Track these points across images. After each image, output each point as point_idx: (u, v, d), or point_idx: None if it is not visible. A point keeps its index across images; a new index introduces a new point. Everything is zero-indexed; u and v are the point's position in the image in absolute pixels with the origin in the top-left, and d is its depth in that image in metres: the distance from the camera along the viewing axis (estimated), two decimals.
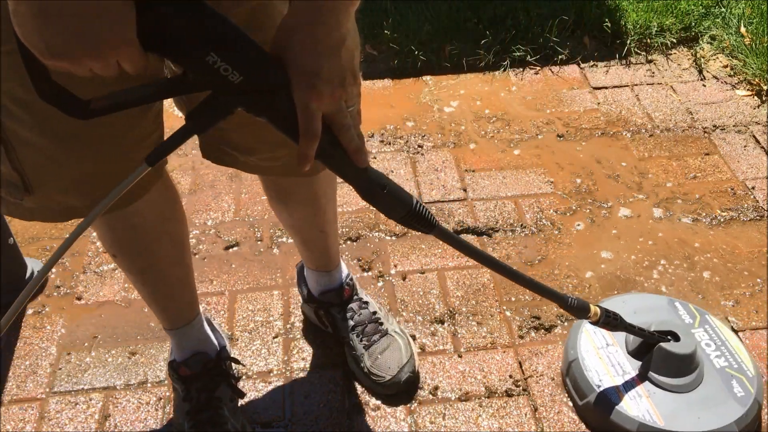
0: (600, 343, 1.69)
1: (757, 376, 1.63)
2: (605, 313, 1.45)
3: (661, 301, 1.81)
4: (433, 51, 2.86)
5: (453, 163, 2.41)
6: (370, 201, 1.05)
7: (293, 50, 0.86)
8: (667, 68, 2.85)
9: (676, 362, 1.58)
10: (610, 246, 2.11)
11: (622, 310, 1.72)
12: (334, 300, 1.75)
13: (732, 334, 1.73)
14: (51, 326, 1.92)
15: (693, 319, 1.75)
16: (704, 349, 1.68)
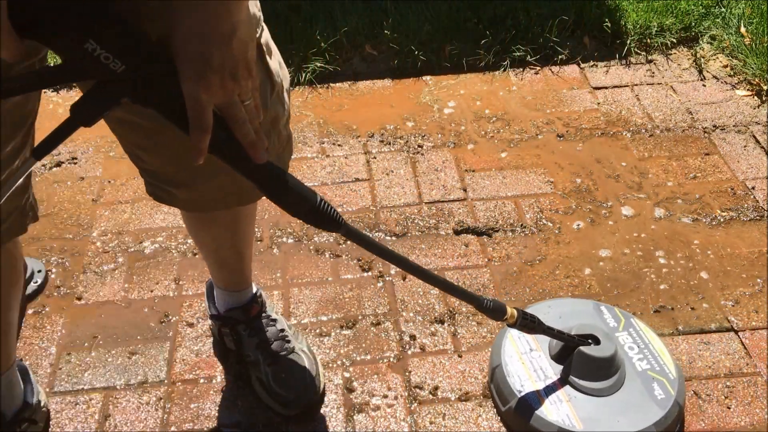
0: (523, 349, 1.68)
1: (678, 378, 1.62)
2: (522, 315, 1.44)
3: (587, 305, 1.80)
4: (433, 51, 2.86)
5: (453, 163, 2.41)
6: (271, 197, 1.01)
7: (181, 38, 0.82)
8: (667, 68, 2.85)
9: (595, 366, 1.57)
10: (610, 246, 2.11)
11: (548, 314, 1.72)
12: (240, 317, 1.69)
13: (656, 337, 1.72)
14: (51, 326, 1.92)
15: (618, 323, 1.74)
16: (627, 352, 1.67)
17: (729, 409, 1.69)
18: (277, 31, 2.88)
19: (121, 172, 2.41)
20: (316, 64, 2.79)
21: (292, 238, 2.15)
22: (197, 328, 1.90)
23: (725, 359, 1.79)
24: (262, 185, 1.00)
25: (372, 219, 2.21)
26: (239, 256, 1.62)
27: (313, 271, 2.05)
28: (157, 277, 2.05)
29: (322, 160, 2.44)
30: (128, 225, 2.21)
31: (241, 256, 1.61)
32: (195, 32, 0.82)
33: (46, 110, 2.67)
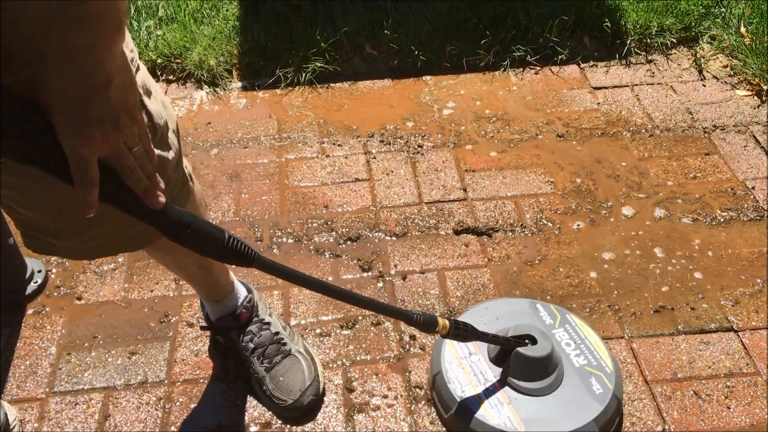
0: (463, 353, 1.68)
1: (614, 371, 1.63)
2: (454, 325, 1.43)
3: (523, 304, 1.80)
4: (433, 51, 2.86)
5: (453, 163, 2.41)
6: (176, 240, 0.98)
7: (54, 93, 0.79)
8: (667, 68, 2.85)
9: (533, 366, 1.58)
10: (610, 246, 2.11)
11: (486, 316, 1.74)
12: (231, 324, 1.70)
13: (591, 331, 1.73)
14: (51, 326, 1.92)
15: (554, 320, 1.75)
16: (564, 349, 1.68)
17: (729, 409, 1.69)
18: (277, 31, 2.88)
19: None
20: (316, 64, 2.79)
21: (292, 238, 2.15)
22: (197, 328, 1.90)
23: (725, 359, 1.80)
24: (162, 230, 0.97)
25: (372, 219, 2.21)
26: (206, 270, 1.57)
27: (313, 271, 2.05)
28: (157, 277, 2.05)
29: (322, 160, 2.44)
30: None
31: (208, 269, 1.57)
32: (69, 87, 0.78)
33: None
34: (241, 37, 2.90)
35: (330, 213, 2.23)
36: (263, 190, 2.32)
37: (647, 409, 1.69)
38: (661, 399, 1.71)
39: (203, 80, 2.78)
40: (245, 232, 2.18)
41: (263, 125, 2.60)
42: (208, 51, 2.83)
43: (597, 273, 2.03)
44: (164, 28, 2.93)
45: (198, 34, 2.90)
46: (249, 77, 2.83)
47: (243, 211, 2.25)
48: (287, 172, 2.39)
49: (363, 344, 1.85)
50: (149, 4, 3.04)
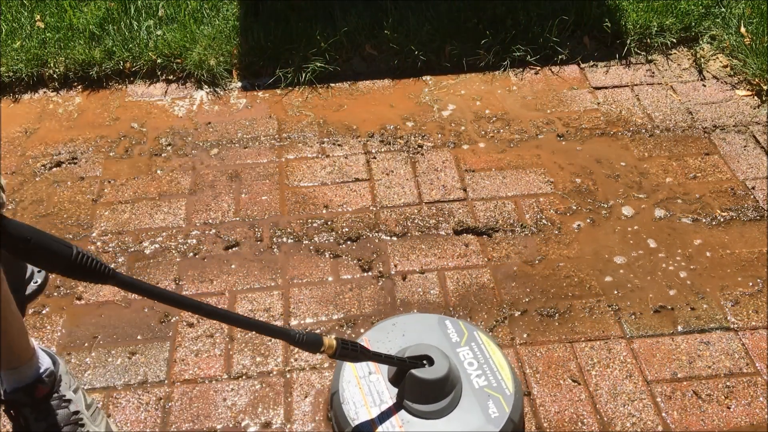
0: (362, 373, 1.64)
1: (514, 393, 1.59)
2: (341, 345, 1.39)
3: (432, 320, 1.76)
4: (433, 51, 2.86)
5: (453, 163, 2.41)
6: (16, 255, 0.94)
7: None
8: (667, 68, 2.85)
9: (427, 388, 1.54)
10: (610, 246, 2.11)
11: (392, 332, 1.71)
12: (23, 399, 1.50)
13: (497, 350, 1.69)
14: (51, 326, 1.92)
15: (460, 337, 1.71)
16: (466, 369, 1.63)
17: (729, 409, 1.69)
18: (277, 31, 2.88)
19: (121, 172, 2.41)
20: (316, 64, 2.79)
21: (292, 238, 2.15)
22: (197, 328, 1.90)
23: (725, 359, 1.80)
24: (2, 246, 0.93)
25: (372, 219, 2.21)
26: None
27: (313, 271, 2.05)
28: (157, 277, 2.05)
29: (322, 160, 2.44)
30: (128, 225, 2.21)
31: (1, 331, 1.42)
32: None
33: (47, 110, 2.67)
34: (241, 37, 2.90)
35: (330, 213, 2.23)
36: (263, 190, 2.32)
37: (647, 409, 1.69)
38: (661, 399, 1.71)
39: (203, 80, 2.78)
40: (245, 231, 2.18)
41: (263, 125, 2.60)
42: (208, 51, 2.83)
43: (597, 273, 2.03)
44: (164, 28, 2.93)
45: (198, 34, 2.90)
46: (249, 77, 2.83)
47: (243, 211, 2.25)
48: (287, 172, 2.39)
49: None
50: (149, 4, 3.04)
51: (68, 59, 2.79)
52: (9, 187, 2.35)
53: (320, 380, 1.77)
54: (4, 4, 3.06)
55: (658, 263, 2.05)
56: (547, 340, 1.85)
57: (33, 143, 2.53)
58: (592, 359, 1.80)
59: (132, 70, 2.82)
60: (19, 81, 2.78)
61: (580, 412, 1.69)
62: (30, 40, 2.86)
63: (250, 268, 2.07)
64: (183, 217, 2.23)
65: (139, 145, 2.52)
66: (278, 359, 1.82)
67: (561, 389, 1.74)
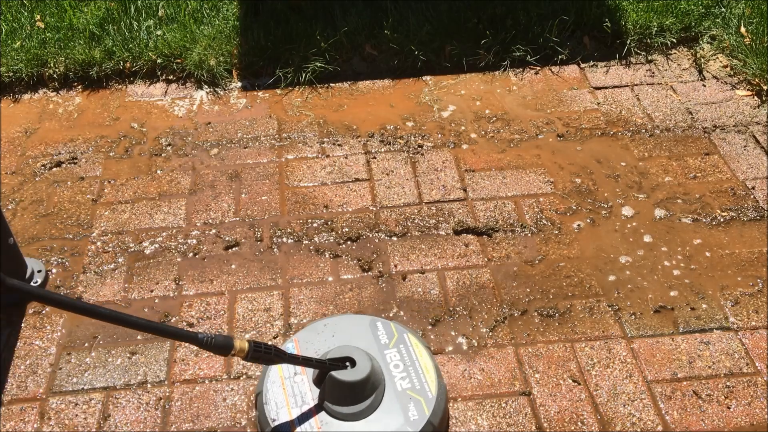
0: (288, 373, 1.63)
1: (436, 396, 1.59)
2: (254, 347, 1.37)
3: (363, 322, 1.75)
4: (433, 51, 2.86)
5: (453, 163, 2.41)
6: None
7: None
8: (667, 68, 2.85)
9: (347, 390, 1.54)
10: (610, 246, 2.11)
11: (322, 333, 1.70)
12: None
13: (425, 352, 1.68)
14: (51, 326, 1.92)
15: (390, 339, 1.71)
16: (391, 371, 1.63)
17: (729, 409, 1.69)
18: (277, 31, 2.88)
19: (121, 172, 2.41)
20: (316, 64, 2.79)
21: (292, 238, 2.15)
22: (197, 328, 1.90)
23: (725, 359, 1.80)
24: None
25: (372, 219, 2.21)
26: None
27: (313, 271, 2.05)
28: (157, 277, 2.05)
29: (322, 160, 2.44)
30: (128, 225, 2.21)
31: None
32: None
33: (47, 110, 2.67)
34: (241, 37, 2.90)
35: (330, 213, 2.23)
36: (263, 190, 2.32)
37: (647, 409, 1.69)
38: (661, 399, 1.71)
39: (203, 80, 2.78)
40: (245, 231, 2.18)
41: (263, 125, 2.60)
42: (208, 51, 2.83)
43: (597, 273, 2.03)
44: (164, 28, 2.93)
45: (198, 34, 2.90)
46: (249, 77, 2.83)
47: (243, 211, 2.25)
48: (287, 172, 2.39)
49: None
50: (149, 4, 3.04)
51: (68, 59, 2.79)
52: (9, 187, 2.35)
53: None
54: (4, 4, 3.06)
55: (658, 263, 2.05)
56: (547, 340, 1.85)
57: (33, 143, 2.53)
58: (592, 359, 1.80)
59: (132, 70, 2.82)
60: (19, 81, 2.78)
61: (580, 412, 1.69)
62: (30, 40, 2.86)
63: (250, 268, 2.07)
64: (183, 217, 2.23)
65: (139, 145, 2.52)
66: None
67: (561, 389, 1.74)
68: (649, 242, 2.12)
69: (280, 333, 1.88)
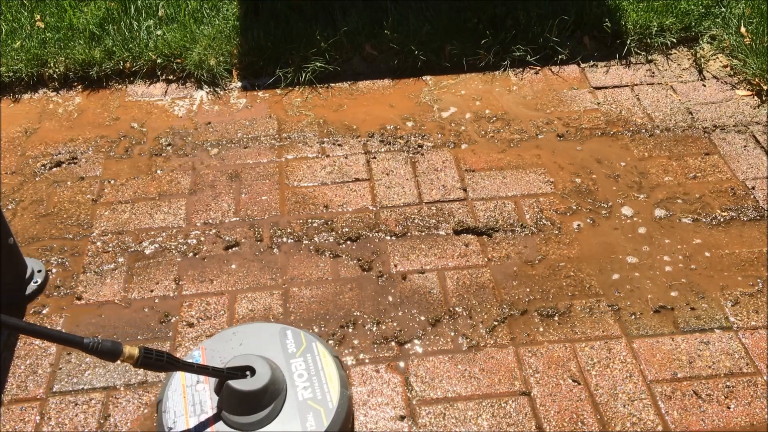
0: (190, 381, 1.62)
1: (337, 407, 1.57)
2: (144, 353, 1.35)
3: (273, 330, 1.74)
4: (433, 51, 2.86)
5: (453, 163, 2.41)
6: None
7: None
8: (667, 68, 2.85)
9: (244, 399, 1.52)
10: (610, 245, 2.11)
11: (231, 342, 1.68)
12: None
13: (331, 362, 1.66)
14: (51, 326, 1.92)
15: (297, 348, 1.69)
16: (295, 381, 1.62)
17: (729, 409, 1.69)
18: (277, 31, 2.88)
19: (121, 172, 2.41)
20: (316, 64, 2.79)
21: (292, 238, 2.15)
22: (197, 328, 1.90)
23: (725, 359, 1.80)
24: None
25: (372, 219, 2.21)
26: None
27: (313, 271, 2.05)
28: (157, 277, 2.05)
29: (322, 160, 2.44)
30: (128, 225, 2.21)
31: None
32: None
33: (47, 110, 2.67)
34: (241, 37, 2.90)
35: (330, 213, 2.23)
36: (263, 190, 2.32)
37: (647, 409, 1.69)
38: (661, 399, 1.71)
39: (203, 80, 2.78)
40: (245, 231, 2.18)
41: (263, 125, 2.60)
42: (208, 51, 2.83)
43: (597, 273, 2.03)
44: (164, 28, 2.93)
45: (198, 34, 2.90)
46: (249, 77, 2.83)
47: (243, 211, 2.25)
48: (287, 172, 2.39)
49: (363, 344, 1.85)
50: (149, 4, 3.04)
51: (68, 59, 2.79)
52: (9, 187, 2.35)
53: None
54: (4, 4, 3.06)
55: (658, 263, 2.05)
56: (547, 340, 1.85)
57: (33, 143, 2.53)
58: (592, 359, 1.80)
59: (132, 70, 2.82)
60: (19, 81, 2.78)
61: (580, 412, 1.69)
62: (30, 40, 2.86)
63: (250, 268, 2.07)
64: (183, 217, 2.23)
65: (139, 145, 2.52)
66: None
67: (561, 389, 1.74)
68: (649, 242, 2.12)
69: None
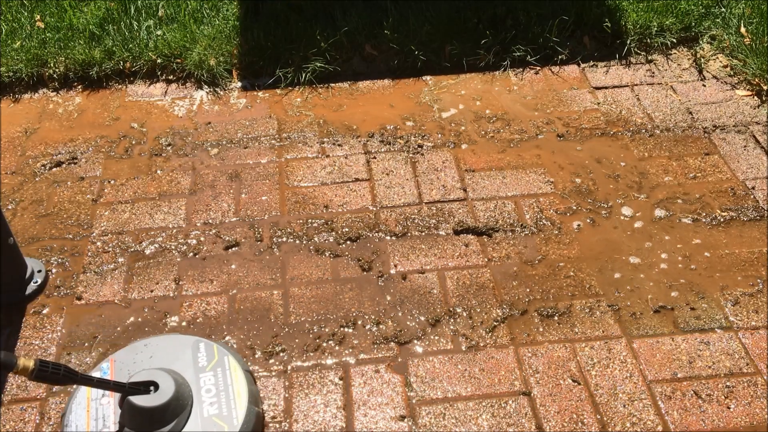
0: (95, 395, 1.59)
1: (242, 425, 1.56)
2: (40, 366, 1.31)
3: (186, 342, 1.70)
4: (433, 51, 2.86)
5: (453, 163, 2.41)
6: None
7: None
8: (667, 68, 2.85)
9: (144, 415, 1.50)
10: (609, 246, 2.11)
11: (141, 354, 1.65)
12: None
13: (242, 377, 1.63)
14: (51, 326, 1.92)
15: (209, 362, 1.66)
16: (202, 396, 1.59)
17: (729, 409, 1.69)
18: (277, 31, 2.88)
19: (121, 172, 2.41)
20: (316, 64, 2.79)
21: (292, 238, 2.15)
22: (197, 328, 1.90)
23: (725, 359, 1.80)
24: None
25: (372, 219, 2.21)
26: None
27: (313, 271, 2.05)
28: (157, 277, 2.05)
29: (322, 160, 2.44)
30: (128, 225, 2.21)
31: None
32: None
33: (47, 110, 2.67)
34: (241, 37, 2.90)
35: (330, 213, 2.23)
36: (263, 190, 2.32)
37: (647, 409, 1.69)
38: (661, 399, 1.71)
39: (203, 80, 2.78)
40: (245, 231, 2.18)
41: (263, 125, 2.60)
42: (208, 51, 2.83)
43: (597, 273, 2.03)
44: (164, 28, 2.93)
45: (198, 34, 2.90)
46: (249, 77, 2.83)
47: (243, 211, 2.25)
48: (287, 172, 2.39)
49: (363, 344, 1.85)
50: (149, 4, 3.04)
51: (68, 59, 2.79)
52: (9, 187, 2.36)
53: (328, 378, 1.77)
54: (4, 4, 3.06)
55: (658, 263, 2.05)
56: (547, 340, 1.85)
57: (33, 143, 2.53)
58: (592, 359, 1.80)
59: (132, 70, 2.82)
60: (19, 81, 2.78)
61: (580, 412, 1.69)
62: (30, 40, 2.86)
63: (250, 268, 2.07)
64: (183, 217, 2.23)
65: (139, 145, 2.52)
66: (278, 359, 1.82)
67: (561, 389, 1.74)
68: (649, 242, 2.12)
69: (280, 333, 1.88)
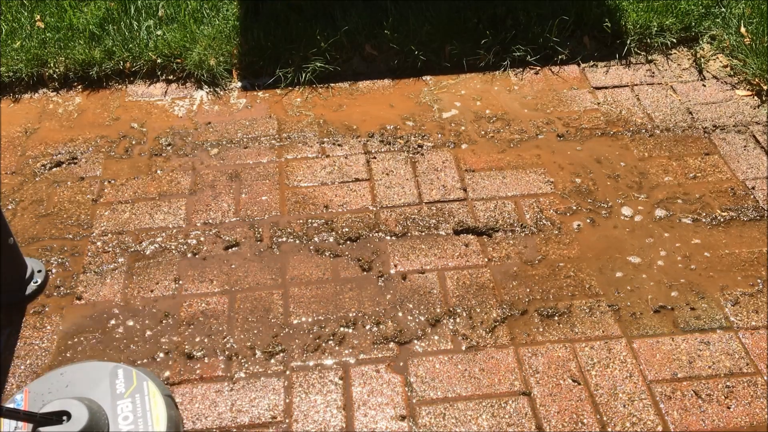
0: (9, 426, 1.55)
1: None
2: None
3: (104, 369, 1.67)
4: (433, 51, 2.86)
5: (453, 163, 2.41)
6: None
7: None
8: (667, 68, 2.85)
9: None
10: (609, 246, 2.11)
11: (58, 382, 1.61)
12: None
13: (161, 403, 1.60)
14: (51, 326, 1.92)
15: (127, 389, 1.63)
16: (119, 424, 1.56)
17: (729, 409, 1.69)
18: (277, 31, 2.88)
19: (121, 172, 2.41)
20: (317, 64, 2.79)
21: (292, 238, 2.15)
22: (196, 328, 1.90)
23: (725, 359, 1.80)
24: None
25: (372, 219, 2.21)
26: None
27: (313, 271, 2.05)
28: (157, 277, 2.05)
29: (322, 160, 2.44)
30: (128, 225, 2.21)
31: None
32: None
33: (47, 110, 2.67)
34: (241, 37, 2.90)
35: (330, 213, 2.23)
36: (263, 190, 2.32)
37: (647, 409, 1.69)
38: (661, 399, 1.71)
39: (203, 80, 2.78)
40: (245, 231, 2.18)
41: (263, 125, 2.60)
42: (208, 51, 2.83)
43: (597, 273, 2.03)
44: (164, 28, 2.93)
45: (198, 34, 2.90)
46: (249, 77, 2.83)
47: (243, 211, 2.25)
48: (287, 172, 2.39)
49: (363, 344, 1.85)
50: (149, 4, 3.04)
51: (68, 59, 2.79)
52: (9, 187, 2.36)
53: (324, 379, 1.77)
54: (4, 4, 3.06)
55: (657, 263, 2.05)
56: (547, 340, 1.85)
57: (33, 143, 2.53)
58: (592, 359, 1.80)
59: (132, 70, 2.82)
60: (19, 81, 2.78)
61: (580, 412, 1.69)
62: (30, 40, 2.86)
63: (250, 268, 2.07)
64: (183, 217, 2.23)
65: (139, 145, 2.52)
66: (279, 359, 1.82)
67: (561, 389, 1.74)
68: (649, 242, 2.12)
69: (280, 333, 1.88)
